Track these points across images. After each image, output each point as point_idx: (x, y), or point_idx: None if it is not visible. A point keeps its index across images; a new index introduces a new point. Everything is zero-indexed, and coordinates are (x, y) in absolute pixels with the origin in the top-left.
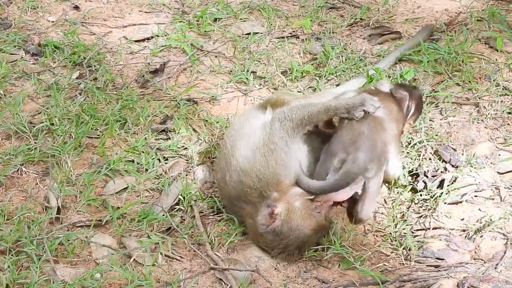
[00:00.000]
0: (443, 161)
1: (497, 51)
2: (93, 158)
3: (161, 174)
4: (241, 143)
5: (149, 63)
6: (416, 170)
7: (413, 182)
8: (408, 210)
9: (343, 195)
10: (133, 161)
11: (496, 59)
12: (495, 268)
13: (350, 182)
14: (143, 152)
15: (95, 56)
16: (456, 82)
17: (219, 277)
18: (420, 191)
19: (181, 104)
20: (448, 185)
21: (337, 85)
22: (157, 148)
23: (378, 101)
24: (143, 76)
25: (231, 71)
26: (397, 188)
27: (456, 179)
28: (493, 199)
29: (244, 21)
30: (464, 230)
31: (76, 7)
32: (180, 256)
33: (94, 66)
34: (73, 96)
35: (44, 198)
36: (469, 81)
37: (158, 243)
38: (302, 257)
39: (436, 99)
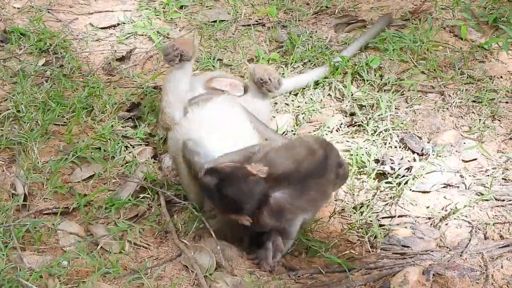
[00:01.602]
0: (409, 149)
1: (462, 39)
2: (60, 146)
3: (128, 162)
4: None
5: (115, 51)
6: (382, 158)
7: (379, 169)
8: (373, 198)
9: None
10: (100, 148)
11: (460, 48)
12: (460, 255)
13: None
14: (110, 139)
15: (61, 43)
16: (421, 70)
17: (185, 265)
18: (386, 178)
19: (148, 91)
20: (413, 173)
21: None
22: (124, 136)
23: None
24: (110, 63)
25: (197, 59)
26: (362, 175)
27: (421, 167)
28: (458, 187)
29: (210, 8)
30: (429, 218)
31: None
32: (147, 244)
33: (60, 53)
34: (39, 83)
35: (11, 185)
36: (434, 70)
37: (125, 230)
38: None
39: (401, 87)
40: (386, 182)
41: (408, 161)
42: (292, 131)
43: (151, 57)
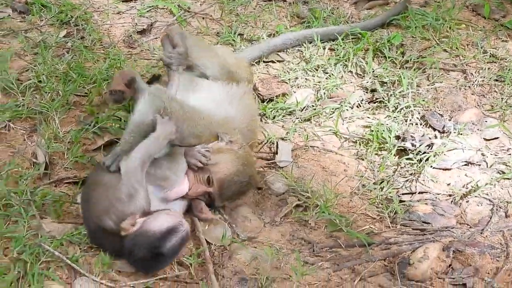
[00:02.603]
0: (430, 126)
1: (485, 18)
2: (81, 116)
3: None
4: None
5: (136, 23)
6: (403, 135)
7: (399, 146)
8: (394, 174)
9: None
10: (120, 119)
11: (483, 26)
12: (481, 233)
13: None
14: (130, 110)
15: (82, 15)
16: (444, 48)
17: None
18: (407, 154)
19: None
20: (434, 150)
21: None
22: None
23: None
24: (131, 36)
25: (218, 33)
26: (382, 151)
27: (442, 144)
28: (479, 165)
29: None
30: (450, 195)
31: None
32: None
33: (82, 25)
34: (60, 54)
35: (32, 154)
36: (457, 48)
37: None
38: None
39: (423, 65)
40: (407, 159)
41: (429, 138)
42: (313, 106)
43: None
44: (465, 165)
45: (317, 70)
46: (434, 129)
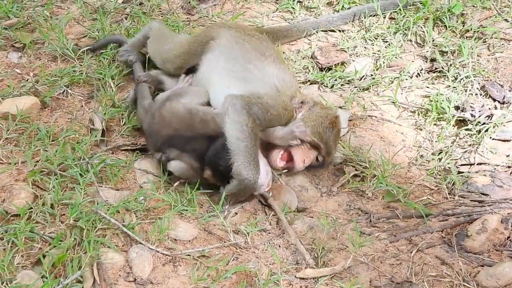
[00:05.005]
0: (490, 97)
1: None
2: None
3: None
4: None
5: None
6: (462, 105)
7: (459, 116)
8: (453, 145)
9: None
10: None
11: None
12: None
13: None
14: None
15: None
16: (505, 18)
17: (261, 205)
18: (466, 125)
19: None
20: (494, 121)
21: None
22: None
23: None
24: (189, 2)
25: (277, 0)
26: (441, 122)
27: (502, 115)
28: None
29: None
30: (509, 167)
31: None
32: None
33: None
34: (119, 20)
35: (89, 121)
36: None
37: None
38: None
39: (483, 35)
40: (466, 129)
41: (489, 108)
42: (372, 75)
43: None
44: None
45: (376, 39)
46: (494, 100)
